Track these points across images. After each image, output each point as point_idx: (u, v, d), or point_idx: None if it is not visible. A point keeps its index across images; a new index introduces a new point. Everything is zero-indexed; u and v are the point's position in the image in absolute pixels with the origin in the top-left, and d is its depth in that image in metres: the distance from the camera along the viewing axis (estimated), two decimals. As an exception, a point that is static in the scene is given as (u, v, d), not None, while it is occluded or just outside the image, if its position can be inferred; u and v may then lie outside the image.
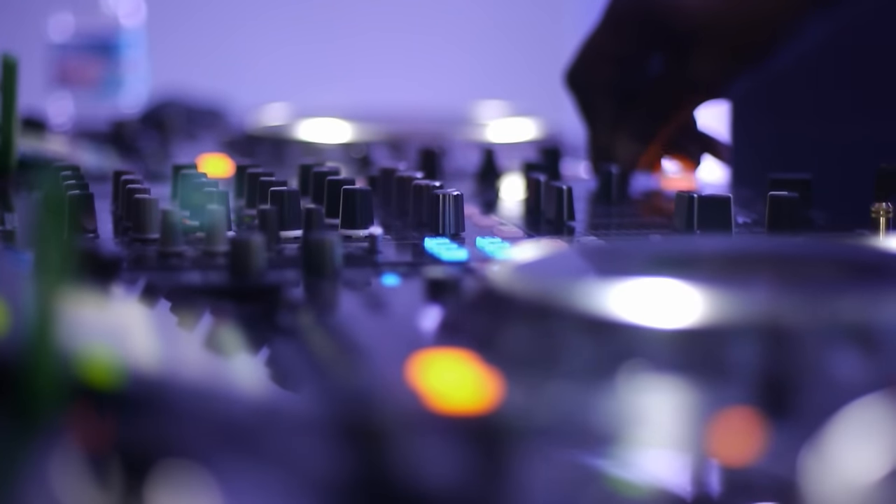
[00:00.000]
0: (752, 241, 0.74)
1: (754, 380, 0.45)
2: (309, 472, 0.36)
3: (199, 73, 2.01)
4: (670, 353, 0.46)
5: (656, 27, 0.91)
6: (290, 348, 0.56)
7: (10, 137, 0.89)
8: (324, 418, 0.39)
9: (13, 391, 0.37)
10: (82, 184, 0.77)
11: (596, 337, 0.47)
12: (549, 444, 0.40)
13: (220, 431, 0.38)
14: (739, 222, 0.80)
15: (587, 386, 0.45)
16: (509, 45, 2.72)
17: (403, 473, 0.36)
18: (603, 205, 0.88)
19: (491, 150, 1.02)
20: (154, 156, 1.14)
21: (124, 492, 0.35)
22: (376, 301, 0.60)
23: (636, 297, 0.48)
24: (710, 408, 0.43)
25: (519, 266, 0.56)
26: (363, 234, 0.73)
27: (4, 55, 0.87)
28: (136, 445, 0.36)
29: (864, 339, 0.46)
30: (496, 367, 0.48)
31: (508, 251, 0.70)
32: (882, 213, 0.76)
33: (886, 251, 0.61)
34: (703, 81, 0.91)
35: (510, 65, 2.68)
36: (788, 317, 0.47)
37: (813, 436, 0.39)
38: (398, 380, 0.47)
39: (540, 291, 0.51)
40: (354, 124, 1.17)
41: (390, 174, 0.86)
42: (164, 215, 0.69)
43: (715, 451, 0.40)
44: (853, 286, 0.54)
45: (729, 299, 0.48)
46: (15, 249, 0.72)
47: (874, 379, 0.45)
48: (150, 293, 0.62)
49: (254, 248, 0.64)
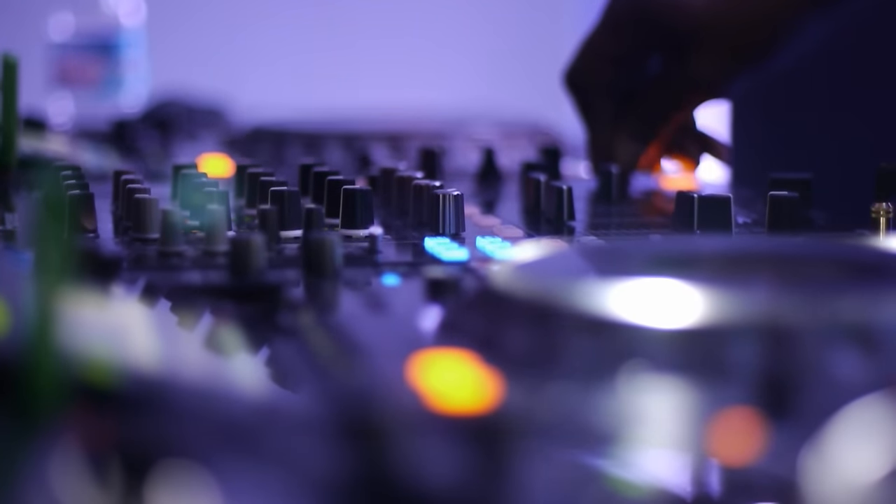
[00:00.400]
0: (752, 240, 0.74)
1: (754, 380, 0.45)
2: (309, 471, 0.36)
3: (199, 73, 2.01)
4: (670, 353, 0.46)
5: (655, 27, 0.91)
6: (291, 348, 0.56)
7: (11, 137, 0.89)
8: (324, 418, 0.39)
9: (13, 391, 0.37)
10: (82, 184, 0.77)
11: (596, 337, 0.47)
12: (550, 445, 0.40)
13: (220, 431, 0.38)
14: (739, 222, 0.80)
15: (587, 386, 0.45)
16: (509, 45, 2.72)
17: (403, 473, 0.36)
18: (603, 205, 0.88)
19: (491, 151, 1.02)
20: (154, 155, 1.15)
21: (124, 492, 0.35)
22: (376, 301, 0.60)
23: (636, 297, 0.48)
24: (710, 408, 0.43)
25: (519, 266, 0.56)
26: (363, 233, 0.74)
27: (5, 55, 0.87)
28: (136, 445, 0.36)
29: (865, 339, 0.46)
30: (496, 367, 0.48)
31: (508, 251, 0.70)
32: (882, 213, 0.76)
33: (886, 251, 0.61)
34: (703, 81, 0.92)
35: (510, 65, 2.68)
36: (788, 317, 0.47)
37: (813, 436, 0.39)
38: (398, 380, 0.47)
39: (540, 291, 0.51)
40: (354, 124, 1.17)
41: (390, 174, 0.86)
42: (164, 215, 0.69)
43: (715, 451, 0.40)
44: (853, 286, 0.54)
45: (729, 299, 0.48)
46: (15, 249, 0.72)
47: (874, 379, 0.45)
48: (150, 293, 0.62)
49: (254, 247, 0.64)
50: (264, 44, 2.63)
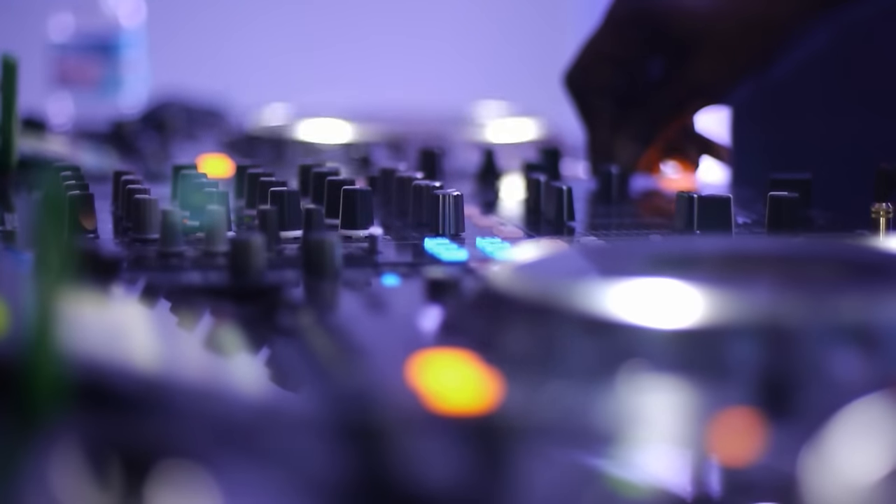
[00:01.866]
0: (752, 241, 0.74)
1: (754, 380, 0.45)
2: (308, 472, 0.36)
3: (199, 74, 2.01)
4: (670, 352, 0.46)
5: (656, 31, 0.91)
6: (290, 348, 0.56)
7: (11, 137, 0.89)
8: (323, 418, 0.39)
9: (13, 391, 0.37)
10: (82, 184, 0.77)
11: (596, 337, 0.47)
12: (549, 444, 0.40)
13: (219, 431, 0.38)
14: (739, 222, 0.80)
15: (587, 386, 0.45)
16: (509, 44, 2.72)
17: (403, 473, 0.36)
18: (603, 205, 0.88)
19: (491, 151, 1.02)
20: (154, 156, 1.14)
21: (124, 492, 0.35)
22: (376, 301, 0.60)
23: (636, 297, 0.48)
24: (710, 407, 0.43)
25: (519, 266, 0.56)
26: (363, 234, 0.74)
27: (4, 55, 0.87)
28: (136, 445, 0.36)
29: (864, 338, 0.46)
30: (496, 367, 0.48)
31: (508, 251, 0.70)
32: (882, 214, 0.76)
33: (886, 251, 0.61)
34: (703, 86, 0.92)
35: (510, 65, 2.68)
36: (788, 317, 0.47)
37: (813, 435, 0.39)
38: (398, 380, 0.47)
39: (540, 292, 0.51)
40: (354, 125, 1.17)
41: (390, 174, 0.86)
42: (164, 215, 0.69)
43: (715, 450, 0.40)
44: (853, 286, 0.53)
45: (729, 299, 0.48)
46: (15, 250, 0.72)
47: (874, 379, 0.45)
48: (150, 293, 0.62)
49: (254, 248, 0.64)
50: (264, 44, 2.63)
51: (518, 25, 2.75)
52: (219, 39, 2.61)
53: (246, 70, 2.54)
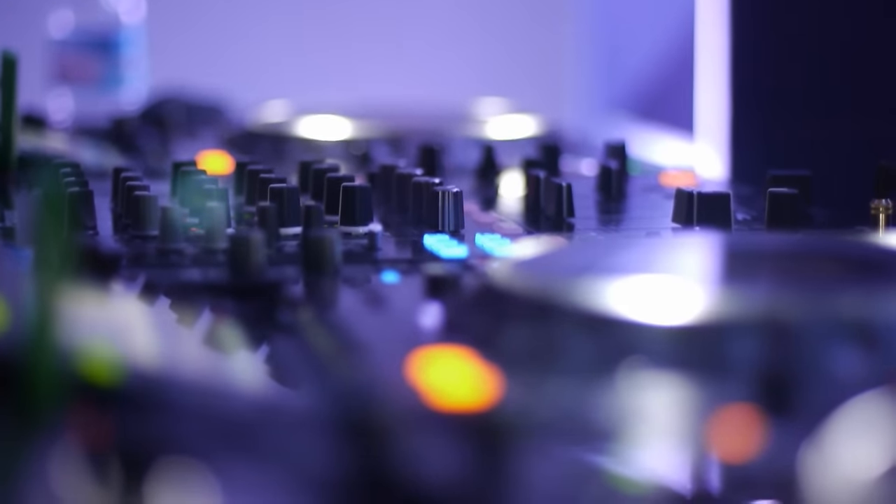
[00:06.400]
0: (751, 237, 0.74)
1: (754, 376, 0.45)
2: (308, 469, 0.36)
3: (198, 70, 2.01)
4: (670, 349, 0.46)
5: None
6: (290, 345, 0.56)
7: (10, 134, 0.89)
8: (323, 415, 0.39)
9: (13, 390, 0.37)
10: (82, 181, 0.77)
11: (596, 333, 0.47)
12: (549, 441, 0.40)
13: (219, 428, 0.38)
14: (739, 219, 0.80)
15: (587, 383, 0.45)
16: (509, 41, 2.72)
17: (403, 470, 0.36)
18: (603, 201, 0.88)
19: (490, 147, 1.02)
20: (154, 153, 1.14)
21: (124, 490, 0.35)
22: (376, 298, 0.60)
23: (636, 293, 0.48)
24: (709, 404, 0.43)
25: (518, 263, 0.56)
26: (363, 230, 0.73)
27: (4, 52, 0.87)
28: (135, 443, 0.36)
29: (864, 335, 0.46)
30: (496, 363, 0.48)
31: (508, 248, 0.70)
32: (881, 210, 0.76)
33: (886, 248, 0.61)
34: None
35: (510, 61, 2.68)
36: (788, 313, 0.47)
37: (813, 432, 0.39)
38: (398, 377, 0.47)
39: (539, 288, 0.51)
40: (354, 121, 1.17)
41: (390, 171, 0.86)
42: (163, 212, 0.69)
43: (715, 447, 0.40)
44: (853, 283, 0.54)
45: (728, 296, 0.48)
46: (15, 246, 0.72)
47: (874, 375, 0.45)
48: (149, 290, 0.62)
49: (253, 245, 0.64)
50: (264, 41, 2.63)
51: (518, 22, 2.75)
52: (219, 36, 2.61)
53: (246, 67, 2.54)
